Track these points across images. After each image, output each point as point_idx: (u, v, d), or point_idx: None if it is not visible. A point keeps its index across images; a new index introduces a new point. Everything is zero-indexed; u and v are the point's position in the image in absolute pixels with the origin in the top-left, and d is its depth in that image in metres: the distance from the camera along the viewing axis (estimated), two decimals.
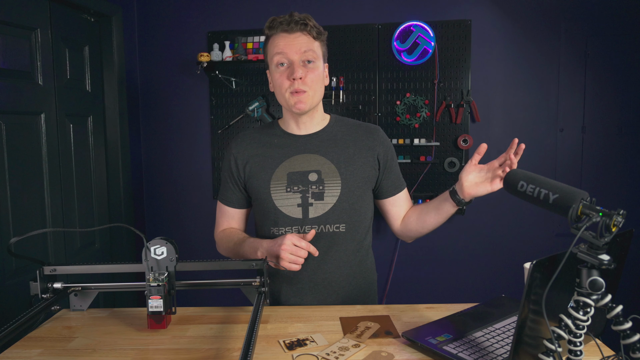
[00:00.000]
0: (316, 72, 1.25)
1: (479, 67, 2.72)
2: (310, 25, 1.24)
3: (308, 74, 1.24)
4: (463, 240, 2.83)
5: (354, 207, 1.32)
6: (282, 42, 1.23)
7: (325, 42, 1.31)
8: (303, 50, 1.23)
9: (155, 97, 2.95)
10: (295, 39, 1.23)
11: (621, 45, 2.64)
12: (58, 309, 1.24)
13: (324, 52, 1.30)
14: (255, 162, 1.34)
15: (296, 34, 1.23)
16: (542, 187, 0.80)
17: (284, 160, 1.32)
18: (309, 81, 1.24)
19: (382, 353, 1.00)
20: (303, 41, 1.23)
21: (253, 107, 2.76)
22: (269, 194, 1.31)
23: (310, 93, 1.25)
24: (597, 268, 0.72)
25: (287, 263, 1.16)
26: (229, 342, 1.07)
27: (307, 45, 1.23)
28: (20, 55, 2.03)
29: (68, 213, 2.33)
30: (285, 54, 1.23)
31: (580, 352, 0.75)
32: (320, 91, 1.29)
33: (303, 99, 1.25)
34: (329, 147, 1.33)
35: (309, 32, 1.23)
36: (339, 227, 1.31)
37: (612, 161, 2.71)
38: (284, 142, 1.34)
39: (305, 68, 1.24)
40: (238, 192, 1.39)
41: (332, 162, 1.31)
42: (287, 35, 1.23)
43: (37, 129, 2.13)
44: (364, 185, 1.33)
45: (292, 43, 1.23)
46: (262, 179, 1.32)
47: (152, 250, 1.15)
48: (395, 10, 2.74)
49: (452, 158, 2.73)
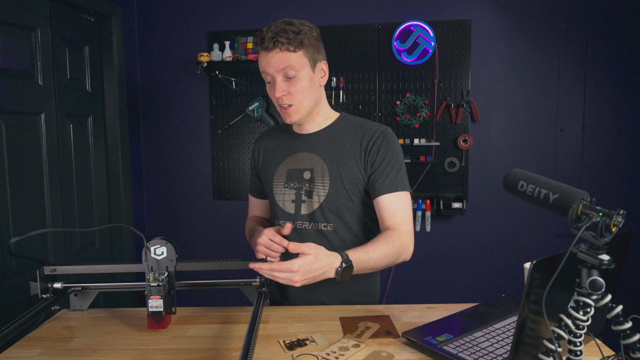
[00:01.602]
0: (298, 85, 1.25)
1: (479, 67, 2.72)
2: (282, 40, 1.20)
3: (290, 88, 1.25)
4: (463, 240, 2.83)
5: (341, 208, 1.31)
6: (263, 61, 1.25)
7: (314, 42, 1.26)
8: (281, 67, 1.23)
9: (155, 97, 2.95)
10: (273, 57, 1.23)
11: (621, 45, 2.64)
12: (58, 309, 1.24)
13: (312, 56, 1.26)
14: (267, 156, 1.43)
15: (273, 51, 1.22)
16: (542, 187, 0.80)
17: (287, 157, 1.38)
18: (293, 95, 1.26)
19: (382, 353, 1.00)
20: (280, 58, 1.22)
21: (253, 107, 2.76)
22: (272, 187, 1.38)
23: (297, 105, 1.27)
24: (597, 268, 0.72)
25: (262, 256, 1.23)
26: (229, 342, 1.07)
27: (284, 61, 1.22)
28: (20, 55, 2.03)
29: (68, 213, 2.33)
30: (267, 73, 1.26)
31: (580, 352, 0.75)
32: (309, 100, 1.28)
33: (290, 112, 1.28)
34: (326, 146, 1.34)
35: (284, 47, 1.22)
36: (327, 226, 1.32)
37: (612, 161, 2.71)
38: (290, 140, 1.40)
39: (287, 82, 1.25)
40: (258, 182, 1.50)
41: (325, 162, 1.32)
42: (266, 54, 1.24)
43: (37, 129, 2.13)
44: (353, 187, 1.31)
45: (270, 62, 1.23)
46: (268, 172, 1.40)
47: (152, 250, 1.15)
48: (395, 10, 2.74)
49: (452, 158, 2.73)
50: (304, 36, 1.23)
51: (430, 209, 2.73)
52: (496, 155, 2.76)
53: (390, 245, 1.20)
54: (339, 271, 1.11)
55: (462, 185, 2.76)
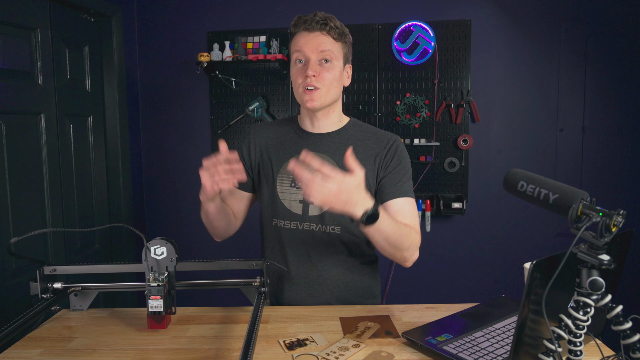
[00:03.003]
0: (332, 72, 1.25)
1: (479, 67, 2.72)
2: (331, 25, 1.24)
3: (323, 72, 1.25)
4: (463, 240, 2.83)
5: None
6: (302, 40, 1.25)
7: (349, 44, 1.32)
8: (320, 49, 1.24)
9: (155, 97, 2.94)
10: (315, 37, 1.24)
11: (621, 45, 2.64)
12: (58, 309, 1.24)
13: (346, 54, 1.30)
14: (269, 152, 1.37)
15: (316, 33, 1.24)
16: (542, 187, 0.79)
17: (294, 155, 1.34)
18: (323, 79, 1.25)
19: (382, 353, 1.00)
20: (321, 40, 1.24)
21: (253, 107, 2.76)
22: (275, 185, 1.34)
23: (323, 91, 1.25)
24: (597, 268, 0.72)
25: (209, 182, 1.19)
26: (229, 342, 1.07)
27: (324, 44, 1.24)
28: (20, 55, 2.03)
29: (68, 213, 2.33)
30: (303, 52, 1.25)
31: (580, 352, 0.75)
32: (334, 91, 1.29)
33: (315, 96, 1.25)
34: (338, 149, 1.32)
35: (328, 33, 1.24)
36: (334, 229, 1.31)
37: (612, 161, 2.71)
38: (298, 138, 1.36)
39: (321, 66, 1.25)
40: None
41: (338, 165, 1.30)
42: (307, 34, 1.25)
43: (37, 129, 2.13)
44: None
45: (311, 42, 1.24)
46: (271, 169, 1.35)
47: (152, 250, 1.15)
48: (395, 10, 2.74)
49: (452, 158, 2.73)
50: (347, 33, 1.29)
51: (430, 209, 2.73)
52: (496, 155, 2.76)
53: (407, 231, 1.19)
54: (367, 213, 1.04)
55: (462, 185, 2.76)
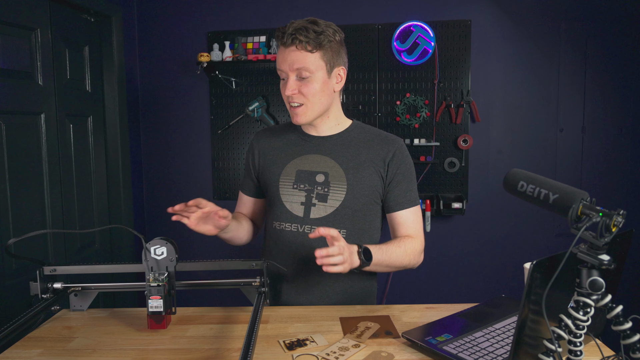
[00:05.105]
0: (311, 86, 1.23)
1: (479, 67, 2.72)
2: (301, 38, 1.19)
3: (302, 88, 1.23)
4: (463, 240, 2.83)
5: (357, 214, 1.30)
6: (280, 57, 1.24)
7: (335, 46, 1.25)
8: (295, 67, 1.22)
9: (155, 97, 2.94)
10: (289, 53, 1.22)
11: (621, 45, 2.64)
12: (58, 309, 1.24)
13: (330, 60, 1.24)
14: (271, 154, 1.38)
15: (290, 48, 1.21)
16: (542, 187, 0.79)
17: (296, 157, 1.34)
18: (304, 95, 1.24)
19: (382, 353, 1.00)
20: (295, 57, 1.21)
21: (253, 107, 2.76)
22: (277, 187, 1.34)
23: (308, 105, 1.25)
24: (597, 268, 0.72)
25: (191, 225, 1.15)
26: (229, 342, 1.07)
27: (299, 61, 1.21)
28: (20, 55, 2.03)
29: (68, 213, 2.33)
30: (281, 69, 1.25)
31: (580, 352, 0.75)
32: (322, 102, 1.27)
33: (299, 112, 1.26)
34: (341, 151, 1.32)
35: (303, 47, 1.20)
36: (340, 232, 1.29)
37: (612, 161, 2.71)
38: (300, 140, 1.37)
39: (300, 82, 1.23)
40: (250, 180, 1.45)
41: (341, 167, 1.30)
42: (284, 50, 1.23)
43: (37, 129, 2.13)
44: (370, 194, 1.31)
45: (286, 58, 1.22)
46: (273, 171, 1.36)
47: (152, 251, 1.15)
48: (395, 10, 2.74)
49: (452, 158, 2.73)
50: (325, 38, 1.21)
51: (430, 209, 2.73)
52: (496, 155, 2.76)
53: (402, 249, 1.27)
54: (360, 252, 1.15)
55: (462, 185, 2.76)
